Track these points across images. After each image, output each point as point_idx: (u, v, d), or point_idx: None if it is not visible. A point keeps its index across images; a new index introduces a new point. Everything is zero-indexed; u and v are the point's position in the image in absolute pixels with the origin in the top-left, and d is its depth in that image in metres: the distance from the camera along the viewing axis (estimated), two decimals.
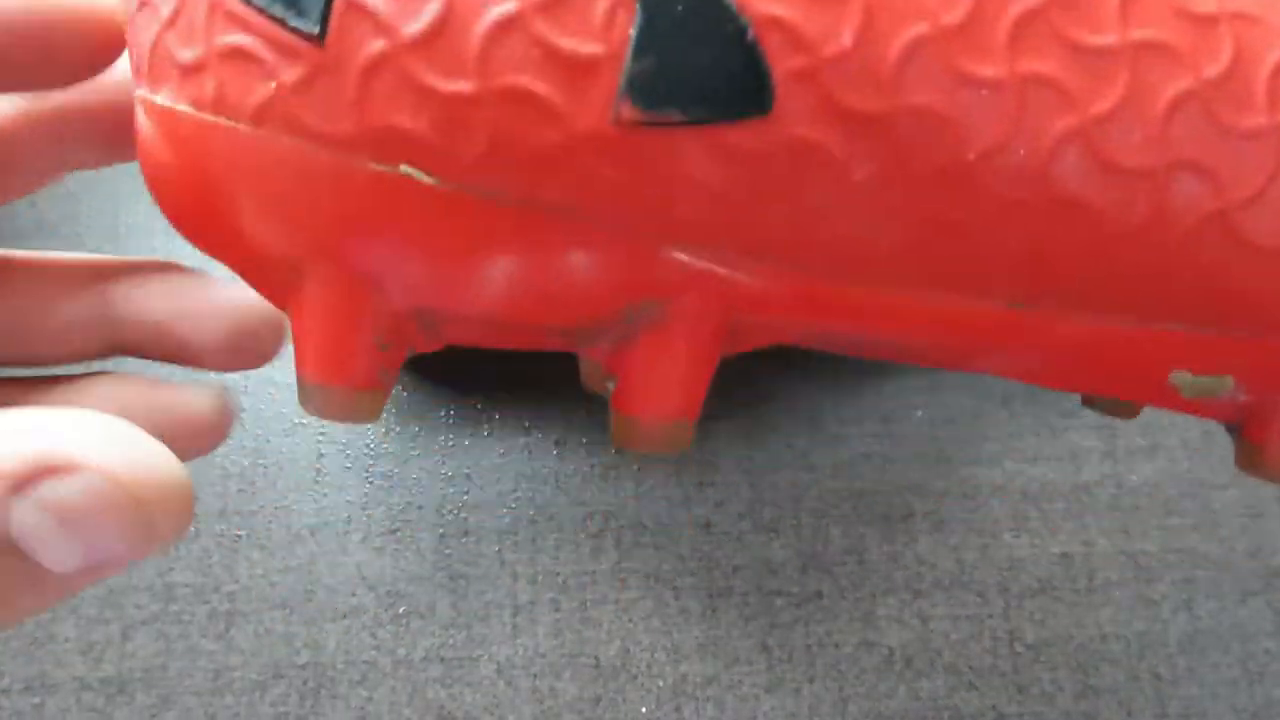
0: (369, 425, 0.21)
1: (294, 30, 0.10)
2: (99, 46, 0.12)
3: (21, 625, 0.20)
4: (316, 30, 0.09)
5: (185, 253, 0.15)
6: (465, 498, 0.21)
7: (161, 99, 0.10)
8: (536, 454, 0.21)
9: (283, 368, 0.21)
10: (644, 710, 0.19)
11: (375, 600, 0.20)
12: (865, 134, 0.10)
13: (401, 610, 0.20)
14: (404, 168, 0.10)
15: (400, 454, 0.21)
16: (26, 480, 0.09)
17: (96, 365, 0.13)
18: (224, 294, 0.13)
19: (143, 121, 0.11)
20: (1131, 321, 0.11)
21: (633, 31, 0.09)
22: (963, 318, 0.11)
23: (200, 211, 0.11)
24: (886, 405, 0.22)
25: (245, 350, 0.13)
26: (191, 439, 0.13)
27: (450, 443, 0.21)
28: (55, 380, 0.13)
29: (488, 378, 0.22)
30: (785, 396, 0.22)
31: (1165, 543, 0.21)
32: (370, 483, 0.21)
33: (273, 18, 0.10)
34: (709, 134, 0.10)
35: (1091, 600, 0.20)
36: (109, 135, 0.12)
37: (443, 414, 0.21)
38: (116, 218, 0.23)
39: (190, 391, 0.13)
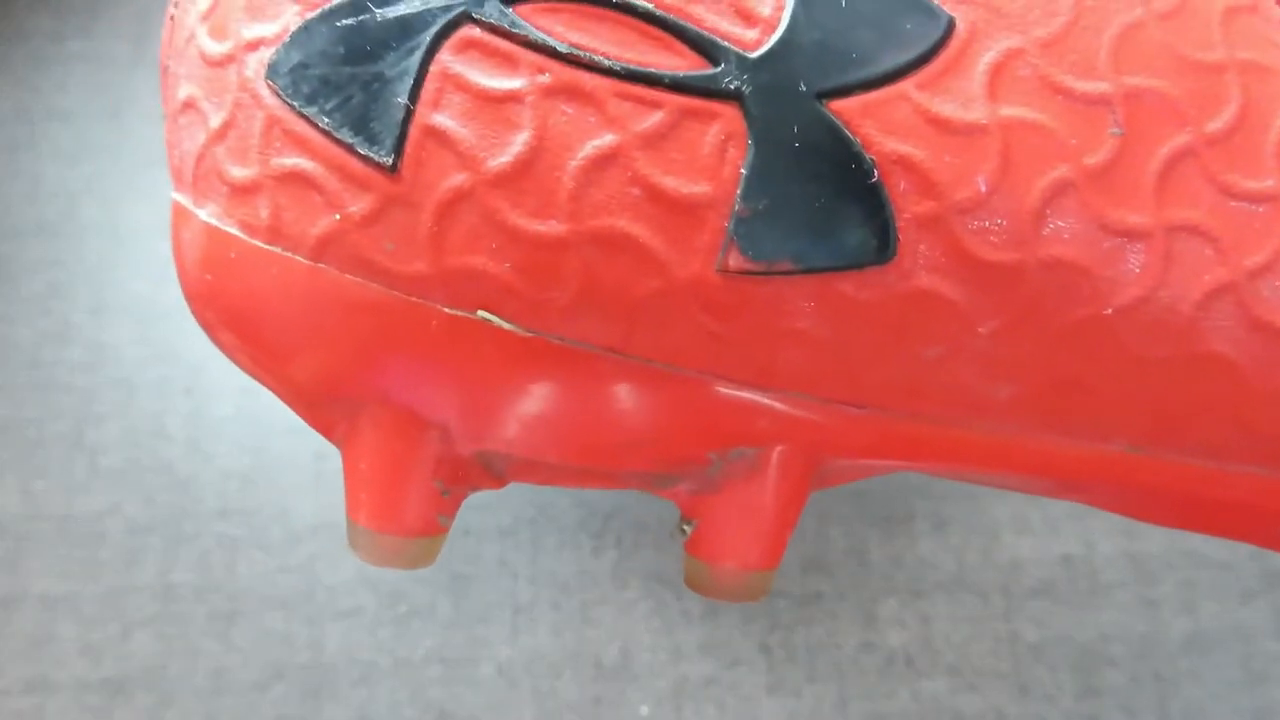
0: None
1: (364, 158, 0.09)
2: None
3: (21, 625, 0.20)
4: (390, 160, 0.09)
5: None
6: (465, 498, 0.21)
7: (206, 215, 0.09)
8: None
9: None
10: (644, 710, 0.19)
11: (375, 600, 0.20)
12: (995, 286, 0.09)
13: (402, 610, 0.20)
14: (481, 313, 0.09)
15: None
16: None
17: None
18: None
19: (183, 232, 0.10)
20: (1259, 470, 0.10)
21: (744, 170, 0.08)
22: (1075, 461, 0.10)
23: (245, 338, 0.10)
24: None
25: None
26: None
27: None
28: None
29: None
30: None
31: (1167, 544, 0.21)
32: None
33: (340, 142, 0.09)
34: (822, 283, 0.09)
35: (1093, 601, 0.20)
36: None
37: None
38: (117, 217, 0.23)
39: None
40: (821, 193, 0.08)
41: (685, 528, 0.11)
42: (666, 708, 0.19)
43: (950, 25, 0.08)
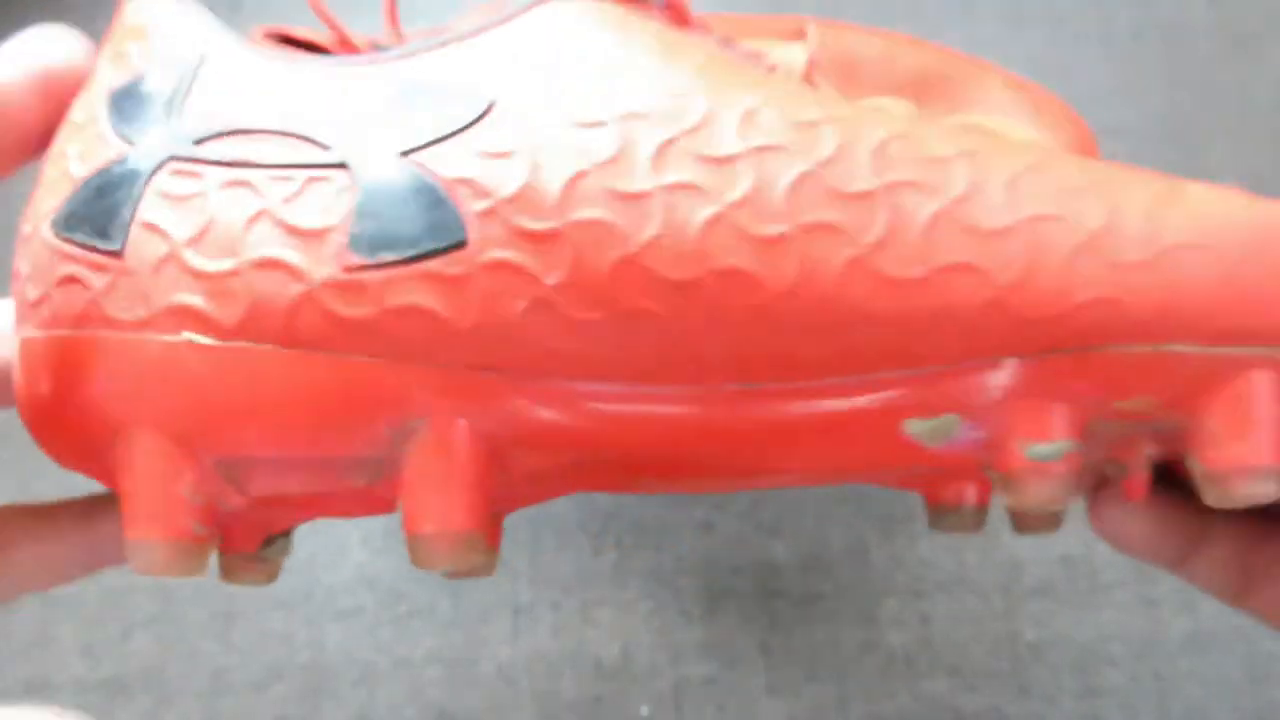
0: None
1: (104, 251, 0.13)
2: None
3: (21, 625, 0.20)
4: (118, 247, 0.13)
5: None
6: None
7: (23, 333, 0.13)
8: None
9: None
10: (644, 710, 0.19)
11: (375, 600, 0.20)
12: (547, 246, 0.12)
13: (402, 610, 0.20)
14: (185, 334, 0.13)
15: None
16: None
17: None
18: None
19: (14, 362, 0.14)
20: (845, 379, 0.13)
21: (356, 203, 0.13)
22: (693, 413, 0.13)
23: (47, 418, 0.13)
24: None
25: None
26: None
27: None
28: None
29: None
30: None
31: None
32: None
33: (90, 247, 0.13)
34: (420, 266, 0.12)
35: (1093, 601, 0.20)
36: None
37: None
38: None
39: None
40: (407, 208, 0.13)
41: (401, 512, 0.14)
42: (666, 708, 0.19)
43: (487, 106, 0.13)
